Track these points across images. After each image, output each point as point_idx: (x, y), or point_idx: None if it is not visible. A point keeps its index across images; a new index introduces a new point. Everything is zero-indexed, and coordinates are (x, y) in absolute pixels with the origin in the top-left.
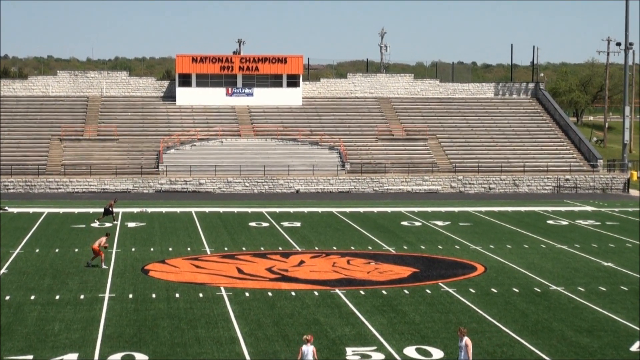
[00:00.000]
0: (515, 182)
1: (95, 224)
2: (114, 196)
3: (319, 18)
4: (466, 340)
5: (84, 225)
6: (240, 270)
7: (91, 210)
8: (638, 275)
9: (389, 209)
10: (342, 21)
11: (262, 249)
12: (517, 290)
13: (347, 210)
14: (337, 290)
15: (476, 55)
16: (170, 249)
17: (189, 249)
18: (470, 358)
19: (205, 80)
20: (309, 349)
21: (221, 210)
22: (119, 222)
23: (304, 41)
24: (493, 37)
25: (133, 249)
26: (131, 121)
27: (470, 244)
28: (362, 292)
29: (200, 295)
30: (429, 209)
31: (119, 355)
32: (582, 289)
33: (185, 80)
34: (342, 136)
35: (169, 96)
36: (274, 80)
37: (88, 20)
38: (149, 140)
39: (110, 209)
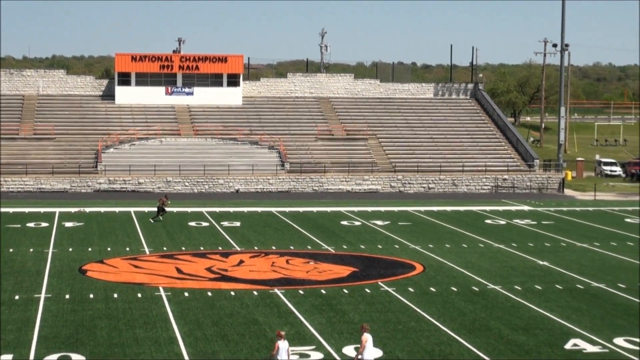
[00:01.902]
0: (454, 181)
1: (152, 222)
2: (162, 194)
3: (260, 18)
4: (364, 336)
5: (19, 225)
6: (179, 270)
7: (27, 210)
8: (572, 274)
9: (328, 209)
10: (283, 21)
11: (201, 248)
12: (455, 289)
13: (287, 209)
14: (276, 290)
15: (416, 56)
16: (109, 249)
17: (127, 248)
18: (362, 352)
19: (144, 79)
20: (284, 345)
21: None
22: (55, 223)
23: (244, 41)
24: (433, 38)
25: (70, 249)
26: (69, 120)
27: (410, 244)
28: (301, 292)
29: (139, 295)
30: (369, 209)
31: (55, 356)
32: (519, 288)
33: (125, 79)
34: (282, 136)
35: (108, 95)
36: (214, 80)
37: (24, 17)
38: (87, 139)
39: (163, 206)
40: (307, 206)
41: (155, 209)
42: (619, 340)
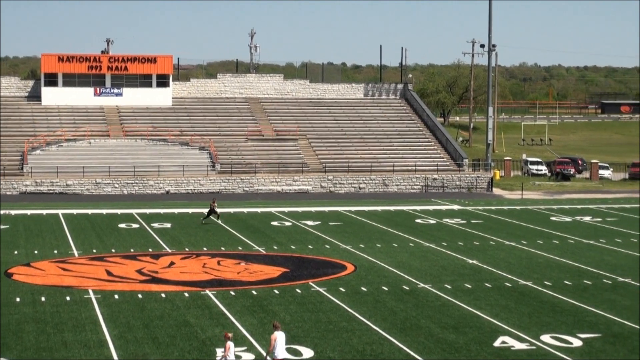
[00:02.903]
0: (384, 181)
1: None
2: (211, 197)
3: (189, 18)
4: (274, 334)
5: None
6: (109, 273)
7: None
8: (501, 273)
9: (259, 209)
10: (212, 21)
11: (131, 250)
12: (386, 289)
13: (218, 211)
14: (207, 291)
15: (346, 56)
16: (36, 252)
17: (55, 251)
18: (271, 350)
19: (72, 80)
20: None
21: (89, 211)
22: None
23: (173, 41)
24: (362, 38)
25: None
26: None
27: (341, 244)
28: (232, 293)
29: (68, 298)
30: (299, 209)
31: None
32: (449, 287)
33: (51, 80)
34: (213, 136)
35: (34, 96)
36: (144, 80)
37: None
38: (12, 140)
39: (214, 208)
40: (238, 207)
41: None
42: (546, 337)
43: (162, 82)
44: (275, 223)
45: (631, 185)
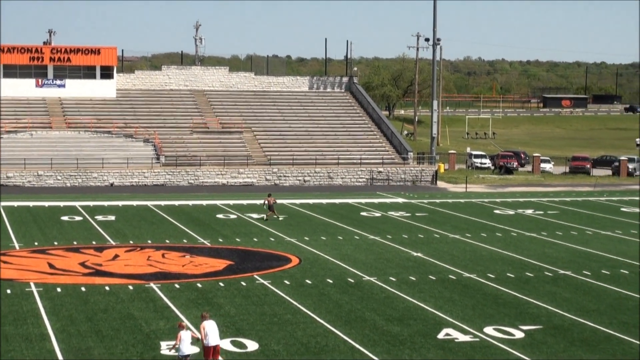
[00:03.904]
0: (329, 174)
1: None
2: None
3: (133, 9)
4: (202, 324)
5: None
6: (51, 265)
7: None
8: (445, 265)
9: (204, 202)
10: (157, 13)
11: (75, 243)
12: (331, 281)
13: (162, 203)
14: (152, 284)
15: (291, 49)
16: None
17: None
18: (204, 339)
19: (13, 71)
20: (186, 335)
21: (31, 204)
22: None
23: (117, 33)
24: (307, 32)
25: None
26: None
27: (285, 236)
28: (177, 286)
29: (8, 291)
30: (244, 202)
31: None
32: (394, 279)
33: None
34: (157, 129)
35: None
36: (87, 72)
37: None
38: None
39: (271, 203)
40: (183, 199)
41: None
42: (489, 329)
43: (106, 73)
44: (220, 216)
45: (572, 179)
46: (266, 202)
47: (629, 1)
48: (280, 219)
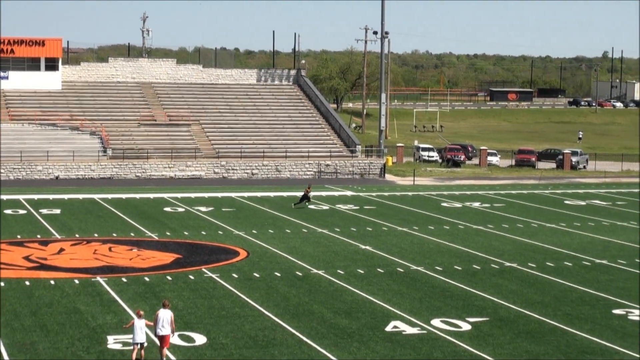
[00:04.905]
0: (277, 167)
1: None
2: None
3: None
4: (158, 311)
5: None
6: None
7: None
8: (393, 258)
9: (151, 195)
10: (103, 4)
11: (18, 237)
12: (279, 275)
13: (109, 196)
14: (98, 278)
15: (239, 42)
16: None
17: None
18: (154, 324)
19: None
20: (140, 323)
21: None
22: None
23: (63, 24)
24: (255, 24)
25: None
26: None
27: (234, 230)
28: (124, 280)
29: None
30: (192, 195)
31: None
32: (342, 272)
33: None
34: (104, 121)
35: None
36: (31, 64)
37: None
38: None
39: (308, 194)
40: (130, 193)
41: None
42: (436, 322)
43: (51, 65)
44: (168, 209)
45: (517, 172)
46: (305, 192)
47: None
48: (307, 205)
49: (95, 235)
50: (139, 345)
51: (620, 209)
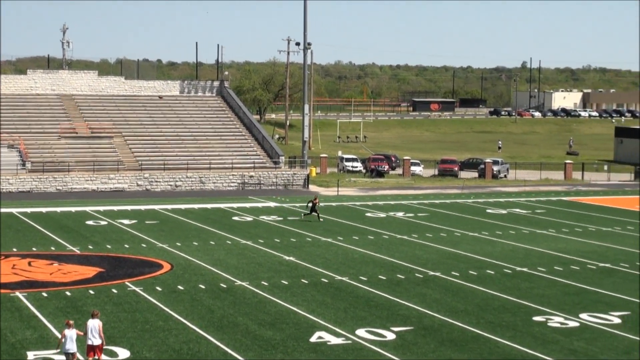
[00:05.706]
0: (201, 179)
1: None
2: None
3: None
4: (88, 322)
5: None
6: None
7: None
8: (317, 269)
9: (73, 209)
10: (21, 15)
11: None
12: (203, 287)
13: (29, 210)
14: (17, 293)
15: (161, 53)
16: None
17: None
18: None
19: None
20: (71, 332)
21: None
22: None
23: None
24: (178, 35)
25: None
26: None
27: (157, 242)
28: (44, 294)
29: None
30: (115, 208)
31: None
32: (266, 283)
33: None
34: (23, 134)
35: None
36: None
37: None
38: None
39: (315, 206)
40: (51, 206)
41: (308, 206)
42: (361, 332)
43: None
44: (90, 222)
45: (440, 182)
46: (310, 203)
47: (493, 2)
48: (321, 220)
49: (14, 249)
50: (70, 355)
51: (540, 217)
